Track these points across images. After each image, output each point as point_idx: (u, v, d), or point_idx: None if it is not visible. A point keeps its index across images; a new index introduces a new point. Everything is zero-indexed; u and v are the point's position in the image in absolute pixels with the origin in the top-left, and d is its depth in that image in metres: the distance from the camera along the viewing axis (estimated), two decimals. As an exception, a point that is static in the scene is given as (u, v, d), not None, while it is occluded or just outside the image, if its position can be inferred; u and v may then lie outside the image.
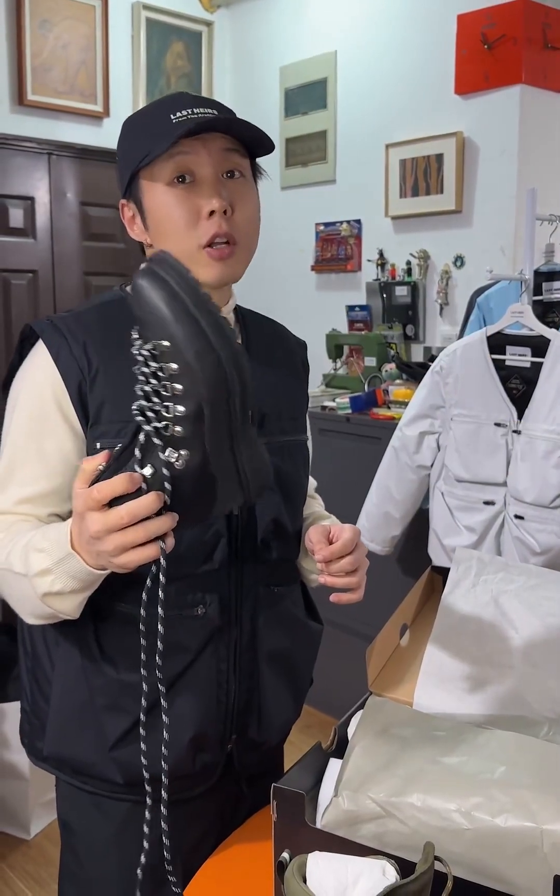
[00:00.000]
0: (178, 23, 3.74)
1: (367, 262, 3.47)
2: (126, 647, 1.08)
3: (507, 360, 2.19)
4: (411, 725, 1.06)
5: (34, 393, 1.08)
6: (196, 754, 1.11)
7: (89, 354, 1.07)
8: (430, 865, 0.79)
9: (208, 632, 1.10)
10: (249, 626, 1.13)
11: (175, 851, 1.16)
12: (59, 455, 1.07)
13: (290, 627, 1.20)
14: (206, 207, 1.07)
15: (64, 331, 1.08)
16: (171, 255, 0.81)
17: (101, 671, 1.09)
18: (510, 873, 0.86)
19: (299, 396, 1.26)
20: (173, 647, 1.08)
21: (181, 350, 0.78)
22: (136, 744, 1.09)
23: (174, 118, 1.06)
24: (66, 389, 1.06)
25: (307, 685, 1.28)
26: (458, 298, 3.11)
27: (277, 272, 3.80)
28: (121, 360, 1.07)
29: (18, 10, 3.24)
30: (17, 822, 2.44)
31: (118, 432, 1.06)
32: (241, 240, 1.10)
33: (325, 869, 0.81)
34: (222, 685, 1.12)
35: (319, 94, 3.58)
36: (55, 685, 1.13)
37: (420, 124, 3.17)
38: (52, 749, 1.15)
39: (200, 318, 0.78)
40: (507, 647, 1.18)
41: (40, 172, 3.42)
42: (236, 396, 0.80)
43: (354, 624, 2.73)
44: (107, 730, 1.10)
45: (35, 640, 1.17)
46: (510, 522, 2.17)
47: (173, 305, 0.78)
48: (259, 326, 1.26)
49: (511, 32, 2.83)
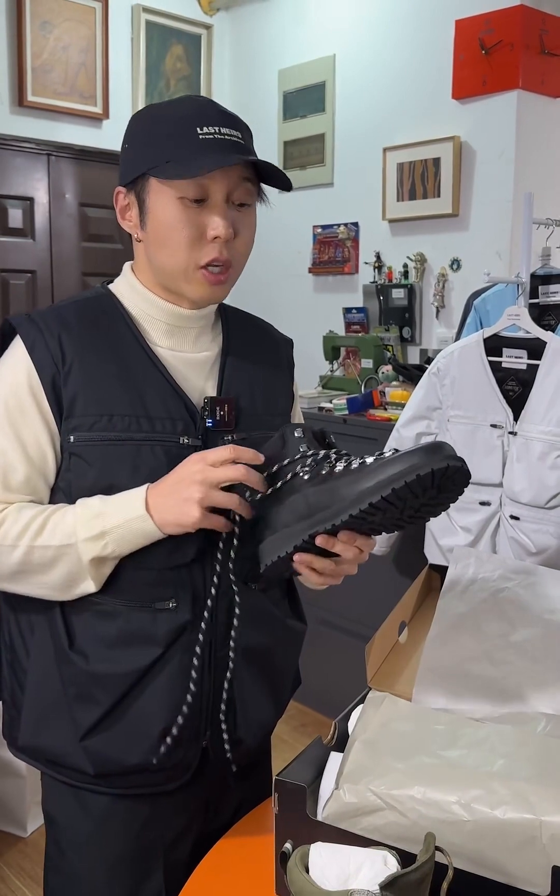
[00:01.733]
0: (178, 25, 3.76)
1: (365, 265, 3.49)
2: (95, 638, 1.10)
3: (504, 363, 2.21)
4: (411, 720, 1.08)
5: (11, 385, 1.10)
6: (167, 748, 1.11)
7: (64, 348, 1.09)
8: (431, 855, 0.80)
9: (178, 626, 1.10)
10: (225, 622, 1.13)
11: (156, 844, 1.17)
12: (35, 445, 1.09)
13: (269, 625, 1.20)
14: (212, 231, 1.08)
15: (40, 324, 1.10)
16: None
17: (70, 662, 1.10)
18: (510, 864, 0.87)
19: (282, 393, 1.27)
20: (143, 640, 1.09)
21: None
22: (105, 733, 1.10)
23: (201, 133, 1.06)
24: (41, 382, 1.08)
25: (289, 684, 1.28)
26: (455, 301, 3.14)
27: (275, 274, 3.81)
28: (95, 355, 1.10)
29: (19, 12, 3.25)
30: (13, 820, 2.44)
31: (91, 425, 1.07)
32: (236, 264, 1.13)
33: (328, 859, 0.82)
34: (194, 680, 1.12)
35: (318, 98, 3.60)
36: (30, 675, 1.15)
37: (418, 128, 3.19)
38: (27, 739, 1.16)
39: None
40: (505, 644, 1.20)
41: (39, 173, 3.43)
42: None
43: (348, 623, 2.75)
44: (78, 720, 1.11)
45: (12, 632, 1.18)
46: (506, 523, 2.19)
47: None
48: (241, 324, 1.27)
49: (509, 38, 2.85)
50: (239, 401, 1.16)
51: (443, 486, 0.95)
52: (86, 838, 1.16)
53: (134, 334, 1.14)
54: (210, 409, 1.13)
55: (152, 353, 1.14)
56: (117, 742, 1.11)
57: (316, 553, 1.03)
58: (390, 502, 0.93)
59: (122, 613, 1.09)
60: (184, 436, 1.10)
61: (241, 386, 1.19)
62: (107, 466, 1.07)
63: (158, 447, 1.09)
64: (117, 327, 1.14)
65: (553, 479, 2.08)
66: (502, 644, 1.20)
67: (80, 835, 1.17)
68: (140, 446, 1.08)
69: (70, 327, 1.11)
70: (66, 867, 1.18)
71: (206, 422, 1.13)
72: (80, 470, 1.08)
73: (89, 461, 1.08)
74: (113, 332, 1.13)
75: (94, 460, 1.07)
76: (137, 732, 1.10)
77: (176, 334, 1.17)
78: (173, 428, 1.10)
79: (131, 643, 1.09)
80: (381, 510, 0.94)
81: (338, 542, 1.01)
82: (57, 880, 1.20)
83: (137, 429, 1.08)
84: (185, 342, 1.17)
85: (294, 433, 1.03)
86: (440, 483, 0.94)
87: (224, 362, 1.19)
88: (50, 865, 1.22)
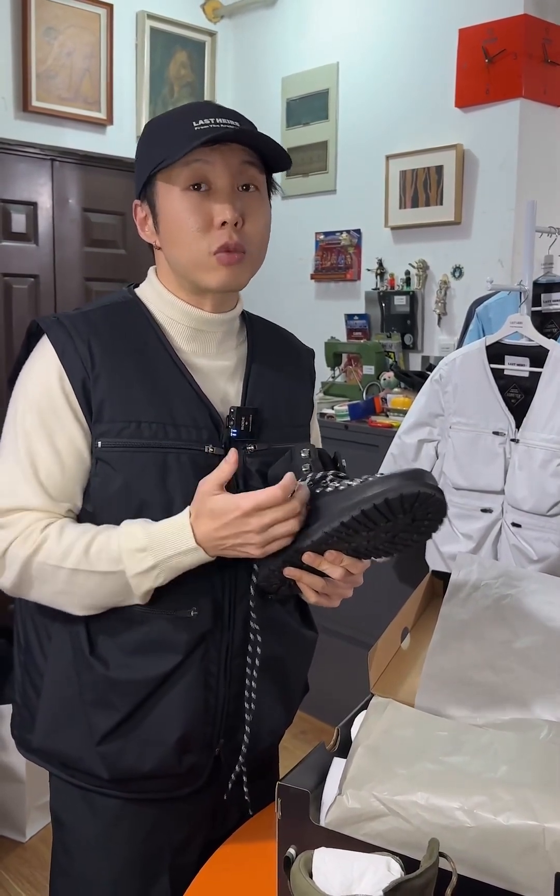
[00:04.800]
0: (182, 32, 3.77)
1: (367, 272, 3.50)
2: (117, 645, 1.10)
3: (506, 370, 2.22)
4: (414, 726, 1.08)
5: (42, 387, 1.10)
6: (182, 755, 1.12)
7: (93, 353, 1.09)
8: (435, 861, 0.80)
9: (199, 634, 1.11)
10: (241, 631, 1.14)
11: (163, 849, 1.17)
12: (70, 448, 1.09)
13: (283, 634, 1.21)
14: (218, 217, 1.08)
15: (69, 328, 1.10)
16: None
17: (90, 667, 1.11)
18: (513, 871, 0.87)
19: (303, 403, 1.27)
20: (163, 647, 1.10)
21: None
22: (121, 739, 1.11)
23: (196, 125, 1.07)
24: (71, 384, 1.08)
25: (300, 691, 1.29)
26: (456, 309, 3.14)
27: (277, 280, 3.82)
28: (123, 361, 1.10)
29: (24, 18, 3.27)
30: (12, 825, 2.44)
31: (119, 432, 1.08)
32: (250, 250, 1.12)
33: (332, 864, 0.82)
34: (211, 688, 1.13)
35: (321, 105, 3.62)
36: (47, 678, 1.15)
37: (420, 136, 3.21)
38: (41, 742, 1.16)
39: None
40: (508, 652, 1.20)
41: (43, 178, 3.44)
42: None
43: (349, 631, 2.74)
44: (94, 725, 1.11)
45: (29, 634, 1.18)
46: (507, 530, 2.19)
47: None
48: (267, 333, 1.28)
49: (512, 47, 2.86)
50: (262, 411, 1.17)
51: (417, 513, 0.98)
52: (93, 841, 1.16)
53: (160, 340, 1.14)
54: (235, 420, 1.13)
55: (178, 359, 1.14)
56: (133, 748, 1.11)
57: (306, 569, 1.06)
58: (360, 522, 0.97)
59: (145, 621, 1.09)
60: (209, 444, 1.10)
61: (265, 395, 1.19)
62: (133, 473, 1.08)
63: (184, 455, 1.09)
64: (144, 333, 1.14)
65: (555, 487, 2.08)
66: (505, 651, 1.20)
67: (88, 837, 1.17)
68: (167, 453, 1.08)
69: (99, 332, 1.11)
70: (73, 870, 1.18)
71: (231, 432, 1.13)
72: (107, 475, 1.08)
73: (116, 467, 1.08)
74: (140, 338, 1.13)
75: (121, 467, 1.08)
76: (153, 739, 1.11)
77: (199, 338, 1.17)
78: (198, 436, 1.10)
79: (152, 650, 1.09)
80: (353, 529, 0.98)
81: (324, 561, 1.04)
82: (63, 883, 1.21)
83: (164, 436, 1.09)
84: (209, 347, 1.17)
85: (300, 453, 1.05)
86: (413, 508, 0.97)
87: (248, 370, 1.19)
88: (56, 868, 1.22)
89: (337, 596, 1.11)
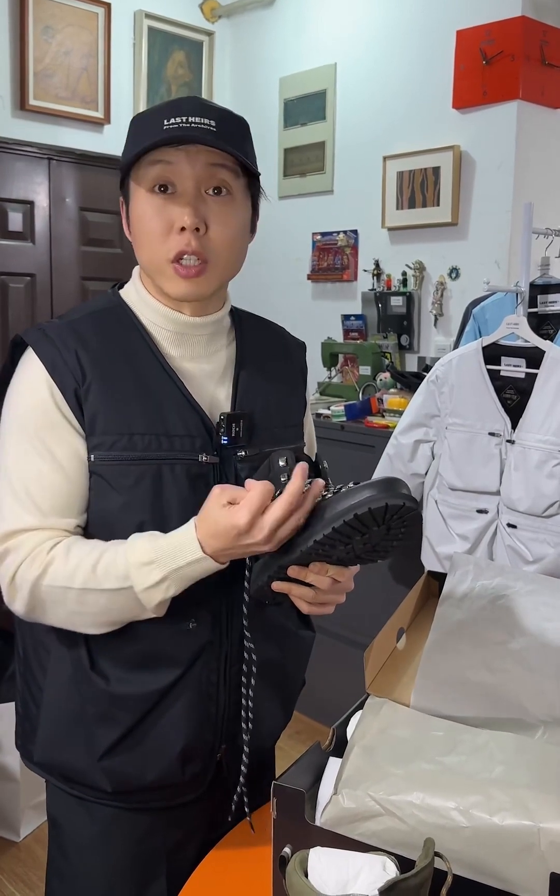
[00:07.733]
0: (180, 32, 3.77)
1: (363, 273, 3.50)
2: (117, 660, 1.09)
3: (502, 371, 2.22)
4: (410, 726, 1.08)
5: (34, 403, 1.07)
6: (185, 765, 1.12)
7: (82, 364, 1.06)
8: (430, 860, 0.80)
9: (199, 646, 1.10)
10: (239, 639, 1.13)
11: (159, 850, 1.17)
12: (71, 460, 1.07)
13: (281, 639, 1.20)
14: (177, 222, 1.05)
15: (56, 341, 1.07)
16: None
17: (91, 683, 1.09)
18: (508, 871, 0.88)
19: (295, 402, 1.25)
20: (164, 661, 1.09)
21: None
22: (125, 753, 1.09)
23: (166, 124, 1.03)
24: (64, 397, 1.05)
25: (298, 689, 1.29)
26: (453, 310, 3.15)
27: (274, 281, 3.82)
28: (113, 371, 1.07)
29: (22, 16, 3.27)
30: (6, 825, 2.43)
31: (112, 445, 1.05)
32: (213, 259, 1.07)
33: (327, 864, 0.82)
34: (212, 697, 1.12)
35: (319, 106, 3.62)
36: (47, 693, 1.13)
37: (418, 137, 3.21)
38: (43, 755, 1.15)
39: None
40: (504, 652, 1.20)
41: (40, 177, 3.44)
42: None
43: (345, 631, 2.74)
44: (96, 740, 1.10)
45: (27, 647, 1.17)
46: (503, 531, 2.19)
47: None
48: (256, 330, 1.24)
49: (509, 49, 2.87)
50: (253, 415, 1.14)
51: (391, 523, 0.98)
52: (89, 842, 1.16)
53: (148, 346, 1.11)
54: (225, 426, 1.11)
55: (167, 365, 1.11)
56: (137, 761, 1.10)
57: (294, 581, 1.05)
58: (334, 539, 0.97)
59: (144, 635, 1.08)
60: (202, 453, 1.09)
61: (256, 399, 1.16)
62: (128, 487, 1.05)
63: (179, 466, 1.07)
64: (131, 339, 1.11)
65: (550, 488, 2.08)
66: (501, 652, 1.20)
67: (84, 838, 1.16)
68: (161, 465, 1.06)
69: (87, 343, 1.08)
70: (68, 871, 1.18)
71: (222, 439, 1.11)
72: (101, 490, 1.06)
73: (110, 481, 1.06)
74: (128, 345, 1.10)
75: (115, 480, 1.06)
76: (157, 751, 1.10)
77: (185, 342, 1.14)
78: (192, 445, 1.08)
79: (153, 664, 1.08)
80: (328, 545, 0.99)
81: (310, 573, 1.03)
82: (58, 884, 1.20)
83: (157, 447, 1.06)
84: (196, 349, 1.14)
85: (279, 462, 1.02)
86: (386, 520, 0.97)
87: (237, 374, 1.16)
88: (52, 868, 1.21)
89: (330, 603, 1.09)
